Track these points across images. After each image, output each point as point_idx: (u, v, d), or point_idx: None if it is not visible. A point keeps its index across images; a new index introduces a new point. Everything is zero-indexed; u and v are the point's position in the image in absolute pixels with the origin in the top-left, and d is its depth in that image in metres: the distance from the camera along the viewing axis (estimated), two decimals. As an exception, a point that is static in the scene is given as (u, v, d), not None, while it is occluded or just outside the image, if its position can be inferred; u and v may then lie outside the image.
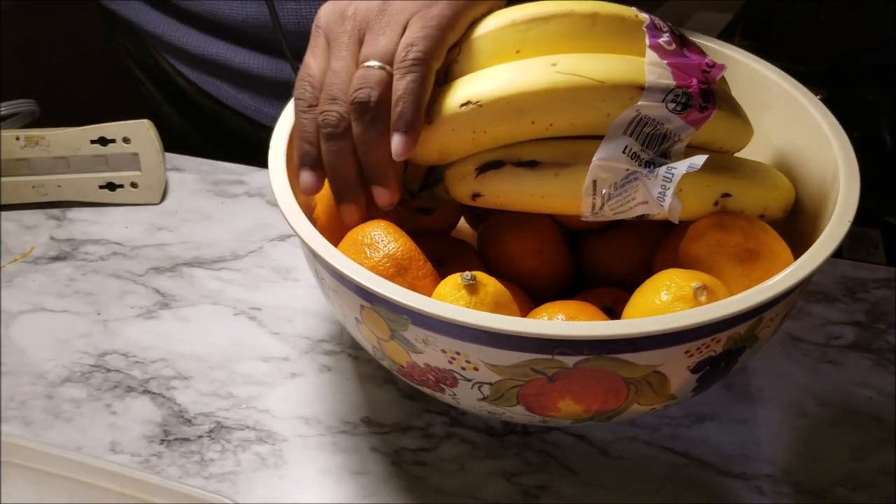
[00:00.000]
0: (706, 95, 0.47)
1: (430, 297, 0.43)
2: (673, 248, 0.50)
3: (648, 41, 0.48)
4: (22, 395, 0.57)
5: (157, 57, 0.84)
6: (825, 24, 1.10)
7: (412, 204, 0.52)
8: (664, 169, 0.46)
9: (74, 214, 0.71)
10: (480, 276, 0.45)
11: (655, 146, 0.47)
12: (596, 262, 0.56)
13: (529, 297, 0.53)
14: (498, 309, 0.45)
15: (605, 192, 0.47)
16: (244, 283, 0.65)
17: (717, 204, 0.49)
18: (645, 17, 0.49)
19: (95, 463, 0.50)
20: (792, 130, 0.54)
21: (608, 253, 0.55)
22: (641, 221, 0.49)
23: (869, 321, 0.62)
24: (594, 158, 0.46)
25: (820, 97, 0.54)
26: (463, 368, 0.44)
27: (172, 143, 0.73)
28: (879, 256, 1.01)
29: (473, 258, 0.55)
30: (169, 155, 0.74)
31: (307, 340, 0.61)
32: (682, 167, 0.46)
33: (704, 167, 0.46)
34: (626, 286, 0.50)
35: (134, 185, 0.70)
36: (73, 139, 0.68)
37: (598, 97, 0.46)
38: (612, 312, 0.51)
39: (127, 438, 0.54)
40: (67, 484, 0.50)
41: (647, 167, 0.47)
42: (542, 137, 0.48)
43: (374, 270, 0.44)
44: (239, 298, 0.64)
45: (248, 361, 0.59)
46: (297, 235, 0.46)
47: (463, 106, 0.46)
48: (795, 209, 0.52)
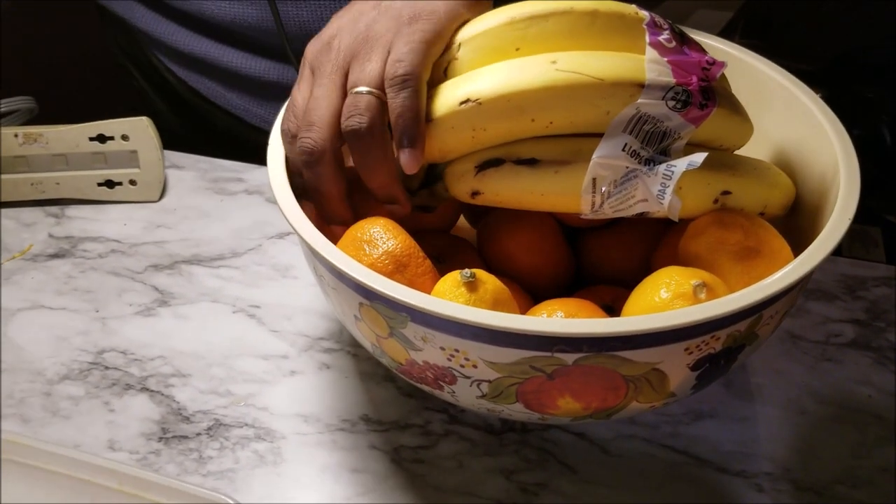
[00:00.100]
0: (706, 93, 0.47)
1: (429, 294, 0.43)
2: (672, 245, 0.50)
3: (648, 38, 0.48)
4: (20, 392, 0.57)
5: (148, 54, 0.84)
6: (825, 22, 1.10)
7: (412, 202, 0.52)
8: (664, 167, 0.46)
9: (73, 212, 0.70)
10: (480, 273, 0.45)
11: (655, 144, 0.47)
12: (595, 259, 0.56)
13: (529, 294, 0.53)
14: (497, 306, 0.45)
15: (604, 189, 0.46)
16: (243, 280, 0.65)
17: (716, 202, 0.49)
18: (645, 14, 0.48)
19: (94, 460, 0.50)
20: (792, 128, 0.54)
21: (608, 251, 0.55)
22: (641, 219, 0.49)
23: (869, 319, 0.62)
24: (594, 156, 0.46)
25: (820, 95, 0.54)
26: (462, 366, 0.44)
27: (167, 141, 0.73)
28: (879, 255, 1.01)
29: (473, 256, 0.55)
30: (168, 152, 0.74)
31: (306, 338, 0.61)
32: (681, 165, 0.46)
33: (704, 165, 0.46)
34: (625, 284, 0.50)
35: (133, 182, 0.70)
36: (71, 136, 0.68)
37: (597, 95, 0.46)
38: (611, 310, 0.51)
39: (125, 436, 0.54)
40: (66, 481, 0.50)
41: (646, 165, 0.46)
42: (541, 135, 0.48)
43: (372, 267, 0.44)
44: (238, 296, 0.64)
45: (246, 359, 0.59)
46: (296, 233, 0.46)
47: (462, 104, 0.46)
48: (796, 206, 0.52)
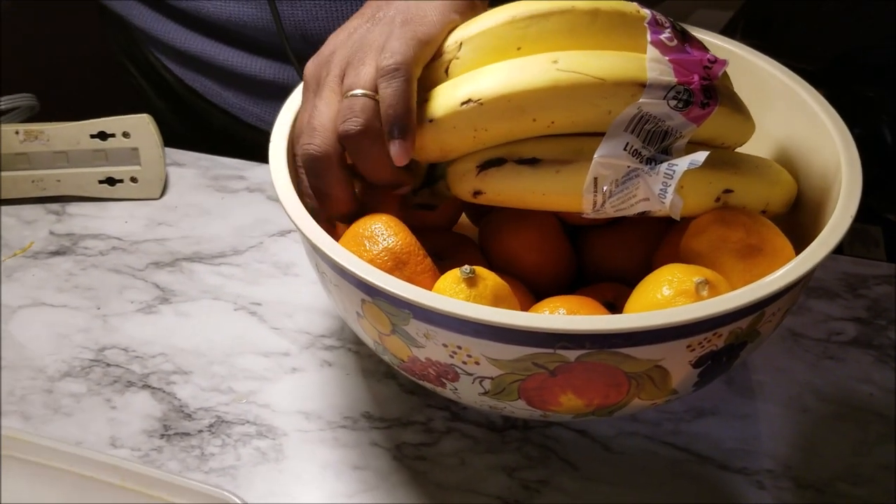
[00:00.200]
0: (708, 92, 0.47)
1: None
2: (674, 244, 0.50)
3: (650, 37, 0.47)
4: (21, 389, 0.57)
5: (146, 52, 0.84)
6: (826, 22, 1.10)
7: (413, 200, 0.52)
8: (665, 166, 0.46)
9: (74, 209, 0.70)
10: (479, 269, 0.45)
11: (657, 143, 0.47)
12: (597, 257, 0.56)
13: (531, 292, 0.53)
14: (497, 302, 0.45)
15: (606, 189, 0.46)
16: (244, 278, 0.65)
17: (718, 200, 0.49)
18: (646, 12, 0.48)
19: (96, 456, 0.50)
20: (794, 125, 0.54)
21: (610, 248, 0.55)
22: (643, 217, 0.49)
23: (870, 317, 0.62)
24: (595, 156, 0.46)
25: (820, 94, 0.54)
26: (464, 363, 0.44)
27: (166, 138, 0.73)
28: (880, 254, 1.01)
29: (475, 253, 0.55)
30: (169, 150, 0.74)
31: (307, 335, 0.61)
32: (683, 164, 0.46)
33: (706, 163, 0.46)
34: (627, 282, 0.50)
35: (134, 179, 0.70)
36: (72, 134, 0.68)
37: (599, 95, 0.46)
38: (613, 307, 0.51)
39: (127, 433, 0.54)
40: (68, 477, 0.50)
41: (648, 164, 0.46)
42: (543, 135, 0.48)
43: (372, 264, 0.44)
44: (239, 294, 0.64)
45: (248, 356, 0.59)
46: (298, 230, 0.46)
47: (464, 104, 0.46)
48: (797, 204, 0.52)
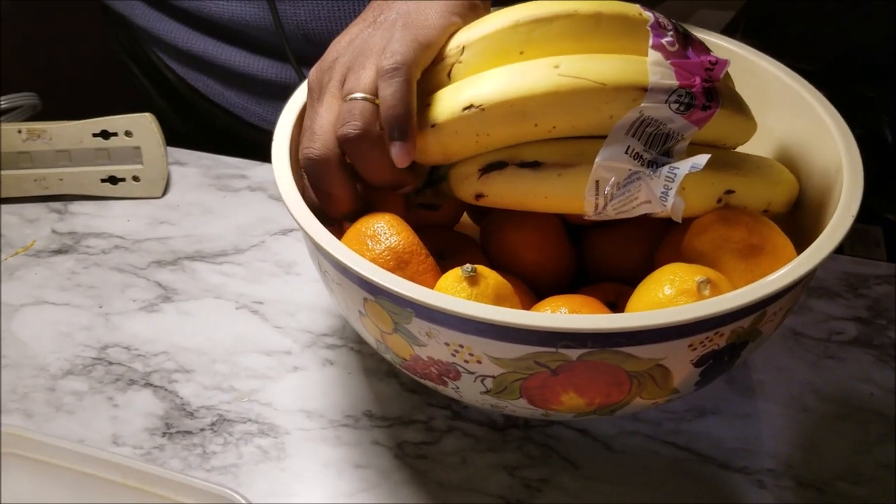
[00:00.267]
0: (709, 94, 0.47)
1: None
2: (676, 243, 0.50)
3: (652, 41, 0.47)
4: (24, 387, 0.57)
5: (148, 52, 0.84)
6: (827, 22, 1.10)
7: (417, 200, 0.52)
8: (667, 169, 0.46)
9: (76, 208, 0.71)
10: (481, 268, 0.45)
11: (658, 146, 0.47)
12: (599, 256, 0.56)
13: (532, 291, 0.53)
14: (499, 301, 0.45)
15: (607, 191, 0.46)
16: (246, 277, 0.65)
17: (720, 201, 0.49)
18: (649, 15, 0.48)
19: (98, 454, 0.50)
20: (795, 125, 0.54)
21: (611, 248, 0.55)
22: (644, 217, 0.49)
23: (870, 317, 0.62)
24: (597, 160, 0.46)
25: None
26: (466, 361, 0.44)
27: (168, 138, 0.73)
28: (881, 254, 1.01)
29: (476, 252, 0.55)
30: (171, 149, 0.74)
31: (309, 334, 0.61)
32: (684, 168, 0.46)
33: (707, 165, 0.46)
34: (628, 281, 0.50)
35: (136, 178, 0.70)
36: (75, 132, 0.68)
37: (600, 99, 0.46)
38: (615, 307, 0.51)
39: (129, 431, 0.54)
40: (69, 475, 0.50)
41: (649, 167, 0.46)
42: (545, 138, 0.48)
43: (374, 263, 0.44)
44: (241, 292, 0.64)
45: (250, 355, 0.59)
46: (301, 229, 0.46)
47: (465, 109, 0.46)
48: (799, 203, 0.52)
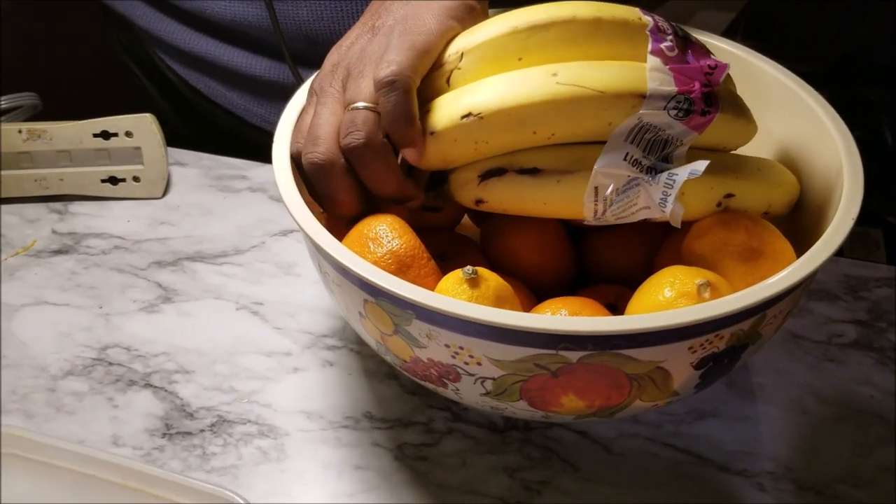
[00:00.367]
0: (709, 99, 0.47)
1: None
2: (676, 246, 0.50)
3: (651, 46, 0.47)
4: (24, 388, 0.57)
5: (150, 53, 0.84)
6: (827, 23, 1.10)
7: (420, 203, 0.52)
8: (665, 175, 0.46)
9: (76, 208, 0.71)
10: (482, 270, 0.45)
11: (657, 151, 0.47)
12: (599, 258, 0.56)
13: (532, 293, 0.53)
14: (500, 303, 0.45)
15: (606, 197, 0.46)
16: (246, 277, 0.65)
17: (720, 205, 0.49)
18: (648, 19, 0.48)
19: (98, 455, 0.50)
20: (795, 127, 0.54)
21: (611, 250, 0.55)
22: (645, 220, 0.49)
23: (870, 320, 0.62)
24: (595, 166, 0.46)
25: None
26: (466, 363, 0.44)
27: (169, 139, 0.73)
28: (881, 257, 1.01)
29: (477, 254, 0.55)
30: (171, 149, 0.74)
31: (309, 335, 0.61)
32: (683, 174, 0.46)
33: (707, 169, 0.46)
34: (628, 283, 0.50)
35: (136, 179, 0.70)
36: (75, 133, 0.68)
37: (599, 107, 0.46)
38: (615, 309, 0.51)
39: (129, 432, 0.54)
40: (69, 476, 0.50)
41: (648, 173, 0.46)
42: (543, 145, 0.48)
43: (375, 266, 0.44)
44: (241, 293, 0.64)
45: (250, 356, 0.59)
46: (301, 230, 0.46)
47: (464, 117, 0.46)
48: (798, 205, 0.52)
